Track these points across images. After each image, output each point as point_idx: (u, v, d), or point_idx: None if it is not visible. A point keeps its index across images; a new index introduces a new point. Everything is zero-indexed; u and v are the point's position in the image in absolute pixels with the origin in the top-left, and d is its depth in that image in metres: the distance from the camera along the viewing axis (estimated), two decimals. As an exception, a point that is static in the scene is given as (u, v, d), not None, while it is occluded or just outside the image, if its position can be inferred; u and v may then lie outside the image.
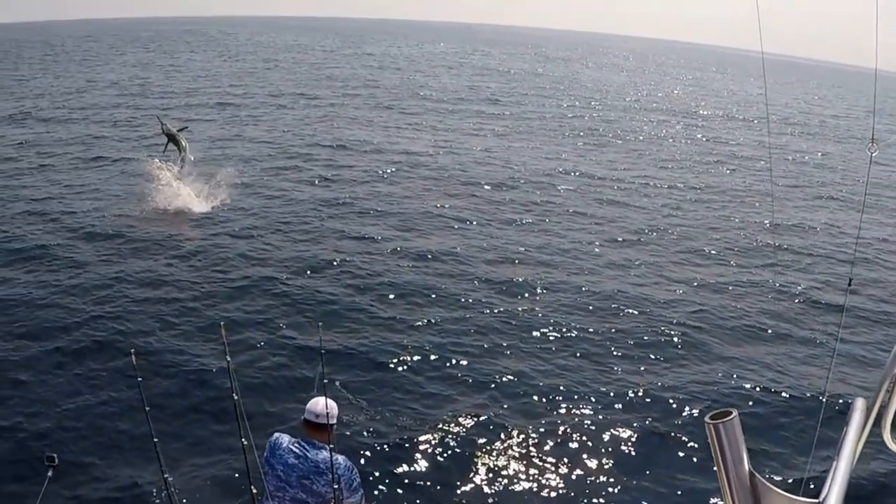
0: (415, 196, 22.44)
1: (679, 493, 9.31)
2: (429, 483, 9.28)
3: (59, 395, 11.08)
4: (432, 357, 12.36)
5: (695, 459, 9.92)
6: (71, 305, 14.02)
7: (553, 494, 9.20)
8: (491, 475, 9.45)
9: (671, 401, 11.39)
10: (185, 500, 8.46)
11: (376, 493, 8.97)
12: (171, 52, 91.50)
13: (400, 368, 12.00)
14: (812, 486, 4.22)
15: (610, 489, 9.35)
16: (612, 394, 11.56)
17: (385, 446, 9.82)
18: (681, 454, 10.11)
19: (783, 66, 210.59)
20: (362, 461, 9.44)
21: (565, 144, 33.98)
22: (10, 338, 12.87)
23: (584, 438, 10.31)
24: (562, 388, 11.65)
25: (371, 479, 9.07)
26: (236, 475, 8.63)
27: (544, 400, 11.27)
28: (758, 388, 12.01)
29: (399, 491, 9.13)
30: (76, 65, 71.95)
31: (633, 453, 10.12)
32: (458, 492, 9.16)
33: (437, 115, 40.32)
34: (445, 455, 9.76)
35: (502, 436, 10.18)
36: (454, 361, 12.26)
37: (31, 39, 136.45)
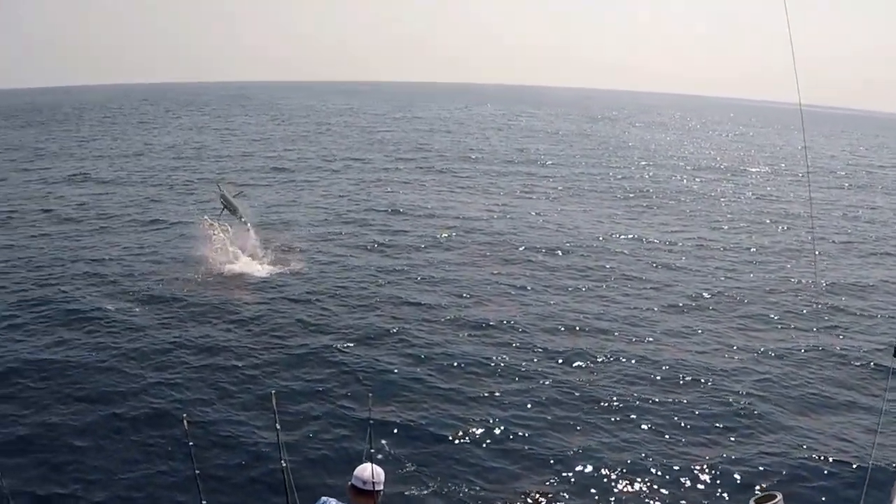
0: (470, 263, 22.34)
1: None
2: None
3: (116, 463, 11.02)
4: (495, 430, 12.07)
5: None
6: (129, 370, 14.06)
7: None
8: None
9: (737, 475, 10.97)
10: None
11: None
12: (225, 116, 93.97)
13: (460, 441, 11.73)
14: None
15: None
16: (678, 468, 11.16)
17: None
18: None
19: (825, 117, 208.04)
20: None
21: (617, 207, 33.75)
22: (69, 401, 12.92)
23: (653, 518, 9.94)
24: (628, 461, 11.30)
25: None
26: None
27: (612, 475, 10.90)
28: (822, 459, 11.55)
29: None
30: (133, 127, 74.17)
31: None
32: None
33: (489, 178, 40.47)
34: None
35: (569, 515, 9.84)
36: (516, 434, 11.96)
37: (91, 101, 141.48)
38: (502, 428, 12.13)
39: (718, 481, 10.82)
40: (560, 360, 15.05)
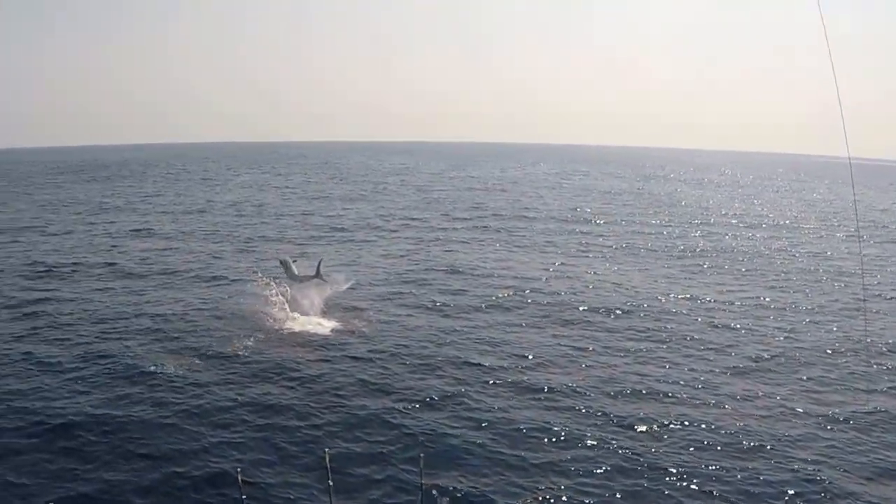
0: (531, 324, 22.12)
1: None
2: None
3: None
4: (561, 497, 11.79)
5: None
6: (190, 428, 14.09)
7: None
8: None
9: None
10: None
11: None
12: (285, 174, 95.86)
13: (524, 511, 11.46)
14: None
15: None
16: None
17: None
18: None
19: (874, 169, 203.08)
20: None
21: (672, 266, 33.24)
22: (130, 457, 12.98)
23: None
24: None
25: None
26: None
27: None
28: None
29: None
30: (196, 184, 76.07)
31: None
32: None
33: (545, 237, 40.46)
34: None
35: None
36: (582, 503, 11.63)
37: (155, 158, 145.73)
38: (567, 496, 11.84)
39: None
40: (623, 425, 14.70)
